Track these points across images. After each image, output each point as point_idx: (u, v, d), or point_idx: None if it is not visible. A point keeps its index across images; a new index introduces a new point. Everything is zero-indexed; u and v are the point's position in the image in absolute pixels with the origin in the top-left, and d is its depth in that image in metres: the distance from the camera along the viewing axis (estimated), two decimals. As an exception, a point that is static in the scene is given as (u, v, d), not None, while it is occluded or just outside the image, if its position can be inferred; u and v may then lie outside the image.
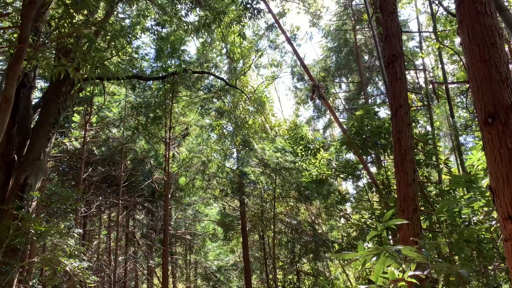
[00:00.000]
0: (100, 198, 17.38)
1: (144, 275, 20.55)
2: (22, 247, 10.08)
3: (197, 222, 19.38)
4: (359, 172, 9.43)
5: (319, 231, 14.20)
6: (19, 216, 9.32)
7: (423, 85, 13.78)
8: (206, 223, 19.55)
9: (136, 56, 15.90)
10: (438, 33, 10.87)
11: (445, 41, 11.13)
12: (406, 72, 7.16)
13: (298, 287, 14.15)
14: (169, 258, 16.09)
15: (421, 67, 14.35)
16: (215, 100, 16.81)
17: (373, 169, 10.93)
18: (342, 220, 14.82)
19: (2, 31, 9.92)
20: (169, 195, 15.82)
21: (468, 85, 3.25)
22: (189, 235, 18.26)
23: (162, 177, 16.82)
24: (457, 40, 12.74)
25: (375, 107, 8.64)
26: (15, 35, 9.46)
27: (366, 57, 18.82)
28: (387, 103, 10.52)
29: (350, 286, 15.64)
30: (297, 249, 13.96)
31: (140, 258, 20.39)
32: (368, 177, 9.37)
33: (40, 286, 10.49)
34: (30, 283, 10.39)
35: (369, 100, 17.08)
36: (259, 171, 13.87)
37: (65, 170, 17.96)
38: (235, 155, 16.97)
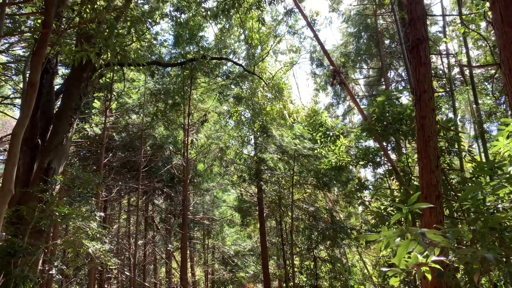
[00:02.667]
0: (120, 183, 17.69)
1: (163, 259, 20.96)
2: (46, 229, 10.38)
3: (215, 208, 19.58)
4: (379, 159, 9.33)
5: (337, 218, 14.17)
6: (43, 199, 9.58)
7: (446, 71, 13.46)
8: (223, 208, 19.74)
9: (155, 42, 15.97)
10: (464, 17, 10.55)
11: (471, 26, 10.80)
12: (430, 57, 6.99)
13: (315, 273, 14.23)
14: (188, 243, 16.34)
15: (444, 53, 14.00)
16: (233, 86, 16.80)
17: (393, 156, 10.81)
18: (361, 208, 14.76)
19: (26, 17, 10.08)
20: (188, 181, 15.99)
21: (496, 70, 3.16)
22: (207, 220, 18.48)
23: (181, 163, 17.00)
24: (484, 24, 12.35)
25: (397, 93, 8.50)
26: (39, 21, 9.59)
27: (387, 42, 18.45)
28: (409, 89, 10.33)
29: (367, 273, 15.65)
30: (314, 236, 13.99)
31: (159, 242, 20.77)
32: (388, 164, 9.28)
33: (64, 267, 10.80)
34: (55, 263, 10.72)
35: (390, 86, 16.79)
36: (277, 158, 13.86)
37: (86, 156, 18.31)
38: (252, 141, 16.99)
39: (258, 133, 15.92)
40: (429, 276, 3.66)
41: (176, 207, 18.22)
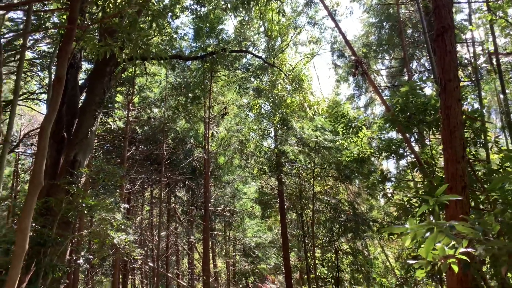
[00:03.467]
0: (143, 175, 18.00)
1: (185, 250, 21.29)
2: (73, 220, 10.68)
3: (235, 200, 19.72)
4: (402, 151, 9.18)
5: (359, 211, 14.07)
6: (70, 191, 9.85)
7: (472, 60, 13.09)
8: (244, 201, 19.85)
9: (175, 36, 16.08)
10: (491, 3, 10.22)
11: (498, 12, 10.46)
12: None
13: (336, 265, 14.19)
14: (209, 234, 16.53)
15: (470, 41, 13.61)
16: (253, 79, 16.79)
17: (417, 148, 10.63)
18: (383, 200, 14.61)
19: (50, 13, 10.28)
20: (209, 173, 16.14)
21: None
22: (228, 212, 18.64)
23: (202, 156, 17.16)
24: None
25: (421, 83, 8.34)
26: (64, 17, 9.77)
27: (410, 32, 18.05)
28: (433, 79, 10.11)
29: (390, 266, 15.51)
30: (335, 228, 13.94)
31: (181, 233, 21.09)
32: (412, 155, 9.13)
33: (90, 257, 11.10)
34: (82, 253, 11.01)
35: (413, 77, 16.46)
36: (297, 150, 13.82)
37: (109, 149, 18.69)
38: (272, 134, 16.98)
39: (278, 126, 15.89)
40: (455, 268, 3.61)
41: (197, 199, 18.43)
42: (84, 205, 9.66)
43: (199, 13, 14.73)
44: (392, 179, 11.60)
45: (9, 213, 14.43)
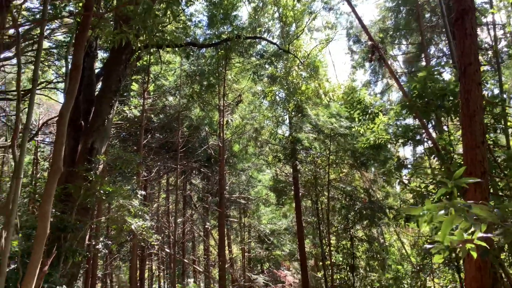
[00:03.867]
0: (159, 163, 18.21)
1: (201, 237, 21.56)
2: (92, 207, 10.90)
3: (250, 187, 19.82)
4: (419, 137, 9.05)
5: (374, 198, 13.99)
6: (88, 178, 10.03)
7: (492, 44, 12.74)
8: (259, 188, 19.93)
9: (189, 23, 16.04)
10: (513, -16, 9.87)
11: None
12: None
13: (352, 252, 14.19)
14: (225, 221, 16.68)
15: (490, 25, 13.22)
16: (267, 66, 16.69)
17: (435, 135, 10.47)
18: (399, 187, 14.49)
19: (66, 2, 10.35)
20: (224, 161, 16.22)
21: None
22: (243, 199, 18.75)
23: (217, 143, 17.25)
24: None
25: (439, 67, 8.17)
26: (80, 5, 9.83)
27: (428, 16, 17.63)
28: (452, 63, 9.89)
29: (405, 254, 15.44)
30: (351, 216, 13.91)
31: (197, 220, 21.36)
32: (429, 142, 9.00)
33: (109, 242, 11.32)
34: (100, 239, 11.24)
35: (431, 62, 16.13)
36: (312, 137, 13.75)
37: (126, 137, 18.91)
38: (287, 121, 16.91)
39: (293, 113, 15.81)
40: (474, 254, 3.57)
41: (213, 187, 18.59)
42: (102, 191, 9.83)
43: (213, 0, 14.65)
44: (409, 166, 11.48)
45: (30, 200, 14.79)
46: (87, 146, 10.91)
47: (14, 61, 17.47)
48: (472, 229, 3.13)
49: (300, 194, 15.81)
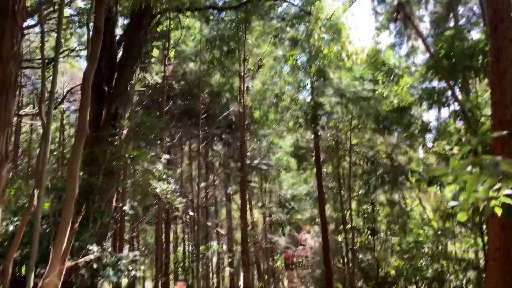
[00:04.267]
0: (181, 130, 18.41)
1: (223, 201, 22.01)
2: (117, 171, 11.21)
3: (271, 154, 19.90)
4: (445, 99, 8.81)
5: (397, 163, 13.84)
6: (113, 142, 10.27)
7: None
8: (280, 154, 19.98)
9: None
10: None
11: None
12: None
13: (372, 217, 14.25)
14: (246, 186, 16.91)
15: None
16: (288, 29, 16.30)
17: (461, 97, 10.15)
18: (422, 152, 14.28)
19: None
20: (245, 127, 16.26)
21: None
22: (264, 165, 18.87)
23: (237, 110, 17.25)
24: None
25: (469, 26, 7.81)
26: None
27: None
28: (482, 22, 9.43)
29: (427, 218, 15.40)
30: (372, 181, 13.86)
31: (219, 186, 21.73)
32: (455, 104, 8.76)
33: (135, 203, 11.69)
34: (127, 201, 11.62)
35: (459, 22, 15.40)
36: (334, 102, 13.55)
37: (148, 104, 19.12)
38: (309, 86, 16.67)
39: (315, 77, 15.54)
40: (498, 212, 3.51)
41: (234, 153, 18.75)
42: (127, 156, 10.08)
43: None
44: (433, 130, 11.25)
45: (58, 165, 15.36)
46: (111, 111, 11.11)
47: (38, 29, 17.66)
48: (498, 185, 3.07)
49: (321, 159, 15.79)
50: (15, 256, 8.08)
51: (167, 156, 12.47)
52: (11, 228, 8.76)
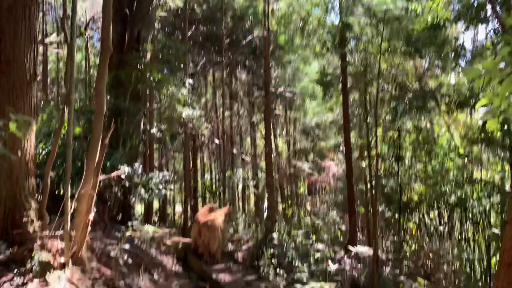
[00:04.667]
0: (204, 56, 18.18)
1: (248, 130, 22.25)
2: (143, 94, 11.34)
3: (296, 81, 19.56)
4: (484, 16, 8.20)
5: (427, 88, 13.37)
6: (138, 66, 10.28)
7: None
8: (305, 81, 19.61)
9: None
10: None
11: None
12: None
13: (398, 143, 14.13)
14: (270, 114, 16.89)
15: None
16: None
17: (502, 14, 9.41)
18: (454, 77, 13.70)
19: None
20: (269, 53, 15.84)
21: None
22: (289, 93, 18.67)
23: (261, 35, 16.72)
24: None
25: None
26: None
27: None
28: None
29: (454, 145, 15.19)
30: (400, 107, 13.54)
31: (243, 114, 21.86)
32: (495, 21, 8.16)
33: (162, 127, 11.92)
34: (155, 123, 11.88)
35: None
36: (364, 23, 12.84)
37: (170, 31, 18.77)
38: (337, 8, 15.76)
39: (344, -3, 14.59)
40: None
41: (258, 80, 18.54)
42: (151, 79, 10.12)
43: None
44: (468, 52, 10.68)
45: (85, 92, 15.60)
46: (134, 34, 10.99)
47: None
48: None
49: (348, 86, 15.41)
50: (52, 176, 8.55)
51: (190, 81, 12.43)
52: (45, 151, 9.19)
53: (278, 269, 9.50)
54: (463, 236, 13.23)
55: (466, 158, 13.68)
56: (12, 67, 5.68)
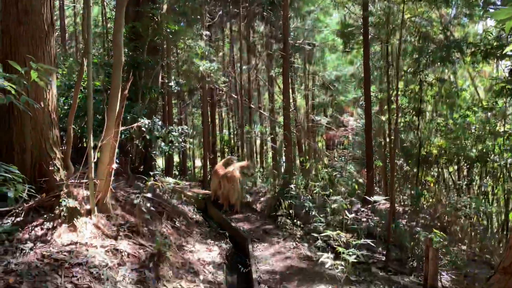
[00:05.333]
0: (221, 8, 17.70)
1: (266, 85, 21.98)
2: (160, 48, 11.23)
3: (316, 33, 18.96)
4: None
5: (451, 38, 12.79)
6: (154, 18, 10.11)
7: None
8: (325, 33, 18.98)
9: None
10: None
11: None
12: None
13: (420, 96, 13.77)
14: (289, 67, 16.56)
15: None
16: None
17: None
18: (482, 26, 13.04)
19: None
20: (288, 3, 15.27)
21: None
22: (308, 46, 18.18)
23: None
24: None
25: None
26: None
27: None
28: None
29: (478, 99, 14.75)
30: (423, 58, 13.05)
31: (261, 68, 21.51)
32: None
33: (180, 80, 11.91)
34: (173, 77, 11.85)
35: None
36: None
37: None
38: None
39: None
40: None
41: (276, 32, 18.06)
42: (168, 30, 9.97)
43: None
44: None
45: (103, 45, 15.59)
46: (149, -15, 10.73)
47: None
48: None
49: (369, 37, 14.87)
50: (75, 128, 8.73)
51: (207, 33, 12.21)
52: (67, 104, 9.33)
53: (295, 220, 9.71)
54: (482, 190, 13.14)
55: (489, 112, 13.30)
56: (30, 17, 5.67)
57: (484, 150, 12.91)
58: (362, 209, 11.04)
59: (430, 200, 14.06)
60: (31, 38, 5.69)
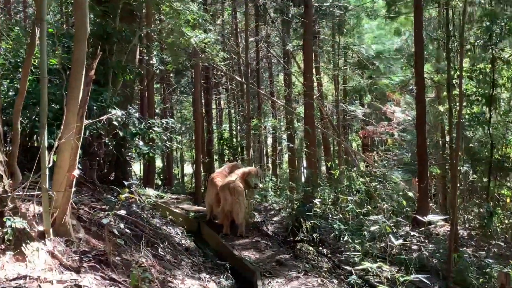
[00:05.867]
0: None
1: (280, 63, 21.98)
2: (139, 13, 11.28)
3: (349, -8, 19.01)
4: None
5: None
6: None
7: None
8: (362, -8, 19.03)
9: None
10: None
11: None
12: None
13: (491, 79, 13.69)
14: (313, 39, 16.54)
15: None
16: None
17: None
18: None
19: None
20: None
21: None
22: (338, 9, 18.14)
23: None
24: None
25: None
26: None
27: None
28: None
29: None
30: (497, 26, 13.02)
31: (274, 40, 21.51)
32: None
33: (165, 56, 11.96)
34: (154, 53, 11.90)
35: None
36: None
37: None
38: None
39: None
40: None
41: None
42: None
43: None
44: None
45: (62, 10, 15.72)
46: None
47: None
48: None
49: (422, -2, 14.87)
50: (23, 122, 8.79)
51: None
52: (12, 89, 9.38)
53: (320, 247, 9.67)
54: None
55: None
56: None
57: None
58: (412, 233, 10.97)
59: (506, 221, 13.97)
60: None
